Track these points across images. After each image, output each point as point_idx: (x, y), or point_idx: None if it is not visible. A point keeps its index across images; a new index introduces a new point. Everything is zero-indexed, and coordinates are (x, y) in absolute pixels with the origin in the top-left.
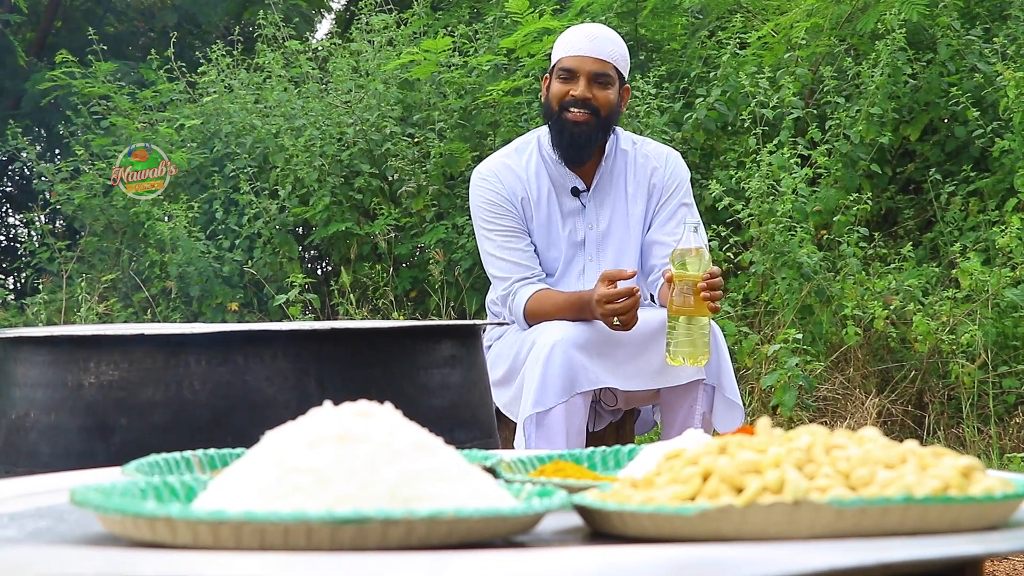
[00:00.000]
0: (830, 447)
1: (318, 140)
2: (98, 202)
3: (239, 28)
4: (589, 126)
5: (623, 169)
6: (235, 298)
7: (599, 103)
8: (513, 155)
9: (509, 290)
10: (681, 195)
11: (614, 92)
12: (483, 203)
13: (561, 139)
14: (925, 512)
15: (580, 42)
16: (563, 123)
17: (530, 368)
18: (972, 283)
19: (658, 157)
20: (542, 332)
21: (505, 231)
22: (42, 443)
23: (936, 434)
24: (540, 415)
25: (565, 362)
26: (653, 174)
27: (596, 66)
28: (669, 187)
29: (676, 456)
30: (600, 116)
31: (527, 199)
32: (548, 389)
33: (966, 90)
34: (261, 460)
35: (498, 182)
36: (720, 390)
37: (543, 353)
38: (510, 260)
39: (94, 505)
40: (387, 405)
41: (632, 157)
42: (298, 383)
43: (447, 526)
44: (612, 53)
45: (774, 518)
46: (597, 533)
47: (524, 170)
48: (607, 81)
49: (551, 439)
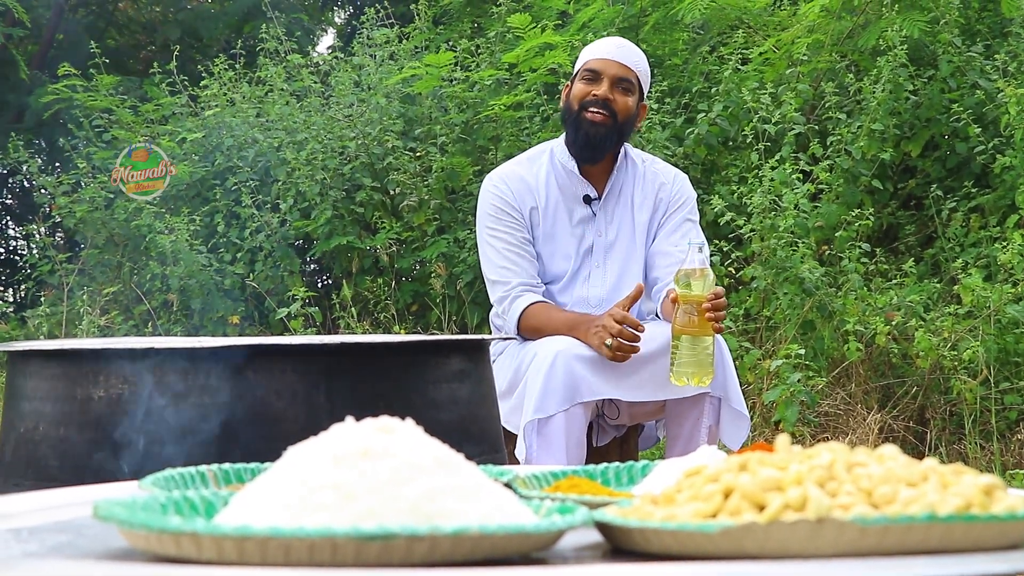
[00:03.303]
0: (851, 465)
1: (320, 154)
2: (99, 215)
3: (241, 42)
4: (606, 127)
5: (632, 180)
6: (236, 311)
7: (618, 107)
8: (525, 163)
9: (508, 294)
10: (687, 211)
11: (634, 100)
12: (490, 209)
13: (576, 137)
14: (948, 530)
15: (608, 47)
16: (580, 121)
17: (532, 377)
18: (974, 299)
19: (666, 174)
20: (544, 344)
21: (509, 238)
22: (51, 457)
23: (938, 450)
24: (540, 423)
25: (567, 372)
26: (660, 188)
27: (620, 71)
28: (676, 201)
29: (696, 473)
30: (617, 120)
31: (536, 207)
32: (549, 397)
33: (967, 106)
34: (284, 476)
35: (508, 190)
36: (727, 401)
37: (546, 362)
38: (512, 267)
39: (119, 520)
40: (408, 421)
41: (642, 172)
42: (307, 397)
43: (471, 542)
44: (637, 63)
45: (797, 536)
46: (617, 550)
47: (534, 178)
48: (629, 88)
49: (551, 448)
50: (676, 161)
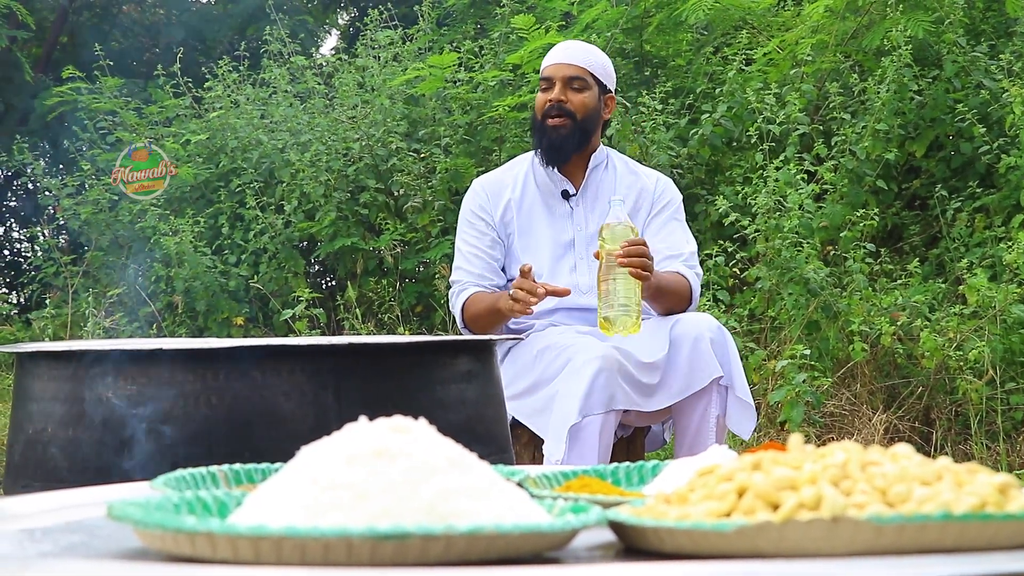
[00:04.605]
0: (865, 464)
1: (324, 155)
2: (104, 217)
3: (245, 44)
4: (566, 129)
5: (613, 176)
6: (241, 313)
7: (574, 107)
8: (507, 168)
9: (455, 292)
10: (672, 211)
11: (590, 96)
12: (466, 214)
13: (541, 142)
14: (964, 529)
15: (556, 52)
16: (545, 129)
17: (570, 380)
18: (979, 299)
19: (649, 176)
20: (579, 349)
21: (475, 242)
22: (60, 458)
23: (944, 451)
24: (575, 427)
25: (609, 378)
26: (643, 187)
27: (570, 71)
28: (661, 201)
29: (710, 472)
30: (576, 119)
31: (512, 201)
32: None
33: (972, 106)
34: (298, 476)
35: (484, 195)
36: (733, 391)
37: (590, 367)
38: (466, 268)
39: (134, 520)
40: (421, 420)
41: (622, 172)
42: (316, 398)
43: (486, 542)
44: (586, 59)
45: (812, 535)
46: (630, 549)
47: (513, 179)
48: (582, 85)
49: (584, 451)
50: (680, 162)
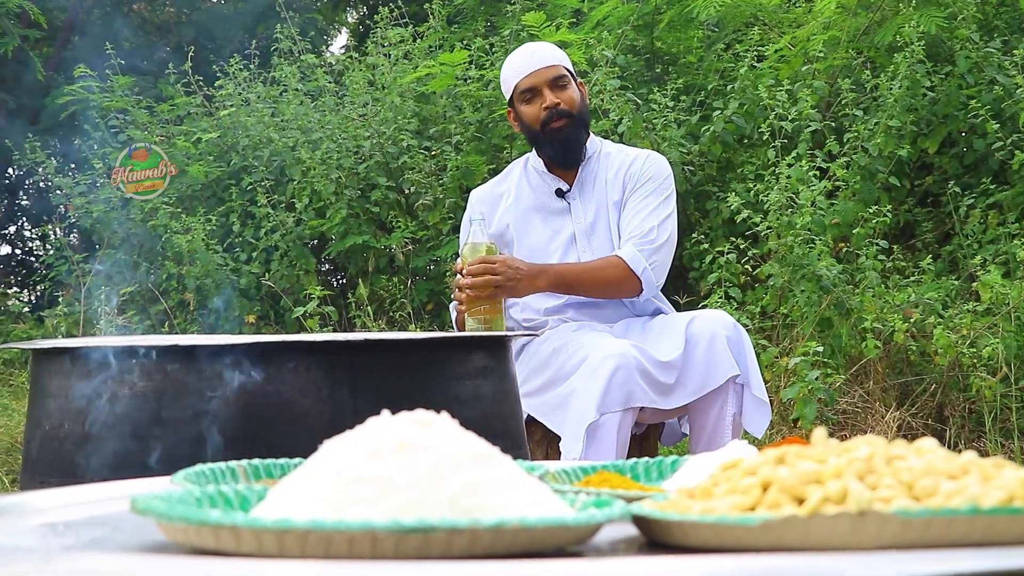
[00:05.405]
0: (891, 458)
1: (335, 153)
2: (115, 215)
3: (255, 42)
4: (570, 128)
5: (604, 166)
6: (252, 310)
7: (568, 104)
8: (500, 180)
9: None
10: (654, 187)
11: (574, 89)
12: (465, 222)
13: (553, 150)
14: (992, 523)
15: (526, 63)
16: (549, 136)
17: (587, 378)
18: (992, 296)
19: (639, 155)
20: (596, 347)
21: None
22: (76, 454)
23: (958, 448)
24: (592, 425)
25: (627, 375)
26: (631, 165)
27: (549, 73)
28: (643, 178)
29: (733, 466)
30: (574, 115)
31: (509, 209)
32: (609, 398)
33: (985, 103)
34: (322, 469)
35: (483, 208)
36: (748, 388)
37: (607, 365)
38: None
39: (158, 513)
40: (444, 414)
41: (614, 158)
42: (331, 394)
43: (511, 535)
44: (555, 57)
45: (838, 529)
46: (652, 543)
47: (507, 185)
48: (565, 82)
49: (601, 449)
50: (692, 159)
